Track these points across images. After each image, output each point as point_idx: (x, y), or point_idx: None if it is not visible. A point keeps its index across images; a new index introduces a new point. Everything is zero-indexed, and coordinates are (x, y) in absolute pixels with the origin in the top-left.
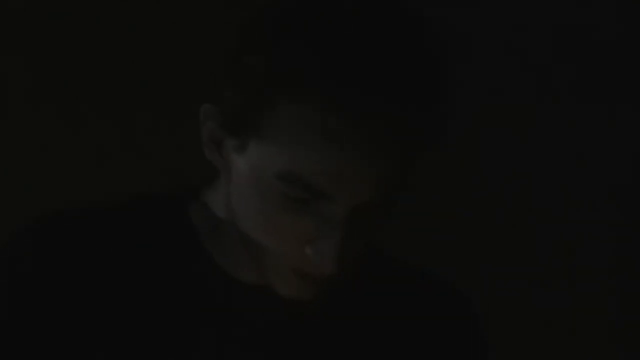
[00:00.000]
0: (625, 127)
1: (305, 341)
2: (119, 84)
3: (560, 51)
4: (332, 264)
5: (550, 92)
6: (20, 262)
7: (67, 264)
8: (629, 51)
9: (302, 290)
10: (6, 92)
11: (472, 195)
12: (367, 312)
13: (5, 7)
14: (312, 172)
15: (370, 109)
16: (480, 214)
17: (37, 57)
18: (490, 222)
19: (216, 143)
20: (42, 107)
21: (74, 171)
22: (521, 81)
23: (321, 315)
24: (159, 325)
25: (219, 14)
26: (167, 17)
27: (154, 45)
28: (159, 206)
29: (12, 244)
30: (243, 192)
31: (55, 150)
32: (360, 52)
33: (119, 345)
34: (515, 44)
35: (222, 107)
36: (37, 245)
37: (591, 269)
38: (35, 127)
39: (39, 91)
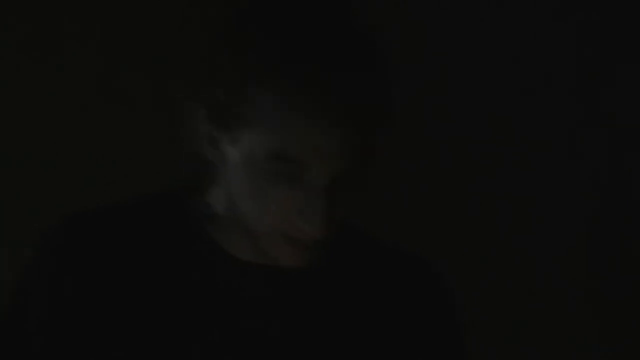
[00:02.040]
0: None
1: (298, 311)
2: (130, 85)
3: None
4: (319, 228)
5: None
6: (52, 257)
7: (93, 256)
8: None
9: (296, 257)
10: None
11: (465, 193)
12: (350, 286)
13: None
14: (294, 148)
15: (331, 85)
16: (471, 211)
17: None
18: (484, 219)
19: (212, 141)
20: (55, 108)
21: (92, 173)
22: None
23: (311, 287)
24: (171, 304)
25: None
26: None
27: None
28: (168, 202)
29: (44, 241)
30: (239, 178)
31: (77, 151)
32: (317, 42)
33: (138, 317)
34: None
35: (209, 106)
36: (64, 241)
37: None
38: (49, 129)
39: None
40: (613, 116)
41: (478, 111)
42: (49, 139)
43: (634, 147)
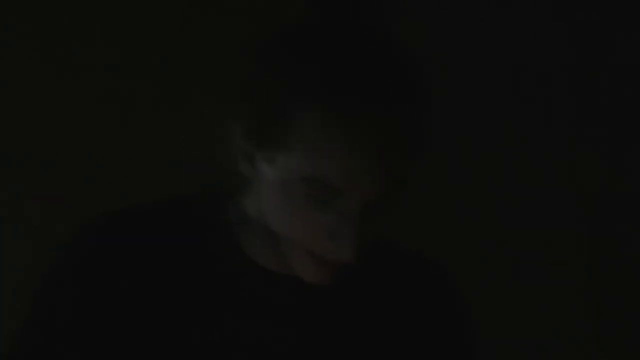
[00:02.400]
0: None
1: (325, 320)
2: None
3: (550, 60)
4: (350, 252)
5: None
6: (81, 258)
7: (121, 257)
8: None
9: (322, 275)
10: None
11: (463, 195)
12: (369, 296)
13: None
14: (330, 174)
15: (373, 116)
16: (468, 211)
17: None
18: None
19: (247, 157)
20: (61, 109)
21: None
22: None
23: (332, 298)
24: (194, 308)
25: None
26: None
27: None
28: (200, 205)
29: (73, 241)
30: (272, 195)
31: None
32: (357, 71)
33: (159, 320)
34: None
35: (248, 125)
36: (94, 242)
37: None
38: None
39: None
40: (613, 116)
41: (478, 111)
42: (51, 140)
43: (634, 147)
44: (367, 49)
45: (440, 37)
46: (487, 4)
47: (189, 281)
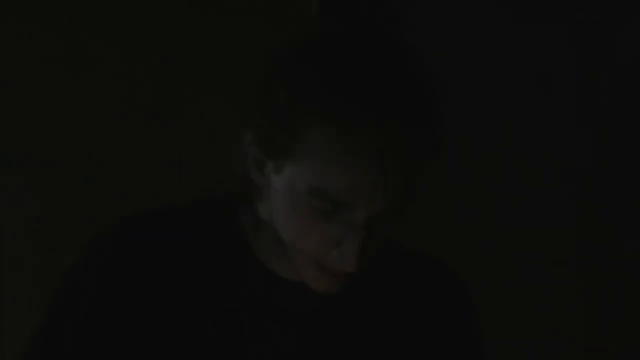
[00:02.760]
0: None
1: (332, 326)
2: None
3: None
4: (355, 264)
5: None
6: (97, 265)
7: (141, 260)
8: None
9: (328, 284)
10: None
11: (462, 194)
12: (374, 296)
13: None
14: (336, 187)
15: (380, 129)
16: (467, 211)
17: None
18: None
19: (258, 165)
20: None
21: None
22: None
23: (344, 303)
24: (209, 310)
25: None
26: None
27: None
28: (215, 209)
29: (90, 248)
30: (280, 205)
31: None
32: (367, 84)
33: (176, 324)
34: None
35: (259, 135)
36: (111, 249)
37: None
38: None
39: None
40: (613, 116)
41: (478, 111)
42: (51, 139)
43: (634, 147)
44: (380, 64)
45: (440, 37)
46: (487, 5)
47: (196, 282)
